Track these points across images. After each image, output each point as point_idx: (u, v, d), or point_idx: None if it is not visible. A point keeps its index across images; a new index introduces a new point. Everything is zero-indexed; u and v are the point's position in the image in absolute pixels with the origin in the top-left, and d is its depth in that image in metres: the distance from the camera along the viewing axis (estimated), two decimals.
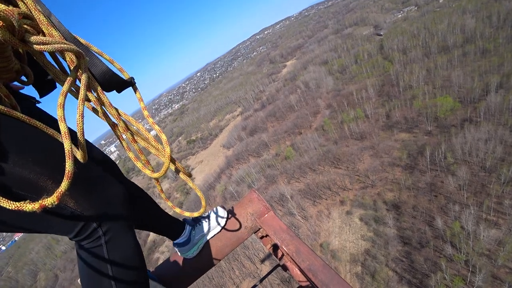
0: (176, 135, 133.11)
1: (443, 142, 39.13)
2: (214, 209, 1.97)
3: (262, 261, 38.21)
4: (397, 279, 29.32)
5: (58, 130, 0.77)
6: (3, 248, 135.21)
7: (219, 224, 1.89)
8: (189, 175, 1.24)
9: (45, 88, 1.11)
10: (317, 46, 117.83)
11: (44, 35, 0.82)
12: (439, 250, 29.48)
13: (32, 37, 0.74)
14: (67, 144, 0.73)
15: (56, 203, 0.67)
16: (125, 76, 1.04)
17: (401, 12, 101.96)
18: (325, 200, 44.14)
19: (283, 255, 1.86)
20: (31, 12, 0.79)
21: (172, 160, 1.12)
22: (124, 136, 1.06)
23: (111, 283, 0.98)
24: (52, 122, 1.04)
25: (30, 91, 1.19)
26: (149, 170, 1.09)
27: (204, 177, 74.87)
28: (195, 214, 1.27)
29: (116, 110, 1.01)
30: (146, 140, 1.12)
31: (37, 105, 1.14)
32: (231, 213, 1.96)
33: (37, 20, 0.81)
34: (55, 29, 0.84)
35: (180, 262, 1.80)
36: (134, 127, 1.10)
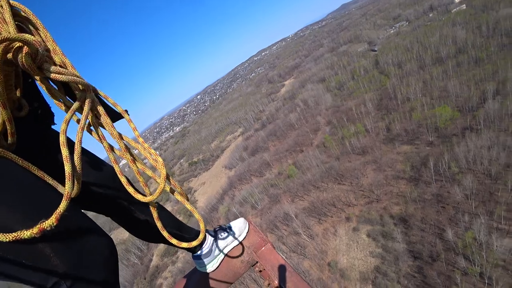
0: (177, 158, 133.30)
1: (446, 152, 38.78)
2: (235, 220, 1.93)
3: (269, 284, 36.88)
4: None
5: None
6: None
7: (240, 235, 1.84)
8: (186, 197, 1.25)
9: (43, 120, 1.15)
10: (314, 65, 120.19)
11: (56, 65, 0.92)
12: (452, 263, 28.38)
13: (52, 67, 0.84)
14: (68, 167, 0.79)
15: (55, 224, 0.66)
16: (119, 109, 1.16)
17: (393, 27, 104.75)
18: (330, 217, 43.23)
19: None
20: (47, 43, 0.91)
21: (168, 180, 1.14)
22: (123, 160, 1.13)
23: None
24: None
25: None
26: (141, 194, 1.11)
27: (206, 198, 74.11)
28: (194, 243, 1.25)
29: (119, 133, 1.09)
30: (144, 160, 1.18)
31: (53, 126, 1.20)
32: None
33: (53, 50, 0.91)
34: (68, 59, 0.94)
35: None
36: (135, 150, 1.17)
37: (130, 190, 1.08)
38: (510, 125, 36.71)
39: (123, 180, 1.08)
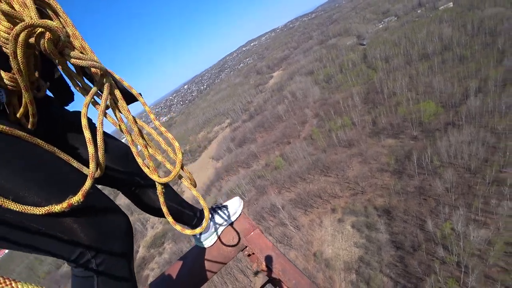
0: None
1: (429, 146, 39.91)
2: (231, 199, 2.04)
3: (256, 273, 37.41)
4: (392, 285, 29.15)
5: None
6: None
7: (235, 212, 1.96)
8: (195, 185, 1.38)
9: (63, 100, 1.23)
10: (303, 57, 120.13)
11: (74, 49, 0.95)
12: (432, 252, 29.59)
13: (72, 52, 0.88)
14: (91, 148, 0.84)
15: (81, 200, 0.75)
16: (133, 92, 1.22)
17: (382, 22, 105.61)
18: (316, 208, 43.99)
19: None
20: (67, 28, 0.93)
21: (182, 167, 1.20)
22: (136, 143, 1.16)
23: None
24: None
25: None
26: (157, 175, 1.17)
27: None
28: (197, 231, 1.41)
29: (134, 117, 1.14)
30: (157, 147, 1.23)
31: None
32: None
33: (72, 35, 0.93)
34: (87, 44, 0.97)
35: (172, 280, 1.78)
36: (146, 134, 1.25)
37: (146, 170, 1.14)
38: (490, 122, 38.11)
39: (139, 161, 1.14)
